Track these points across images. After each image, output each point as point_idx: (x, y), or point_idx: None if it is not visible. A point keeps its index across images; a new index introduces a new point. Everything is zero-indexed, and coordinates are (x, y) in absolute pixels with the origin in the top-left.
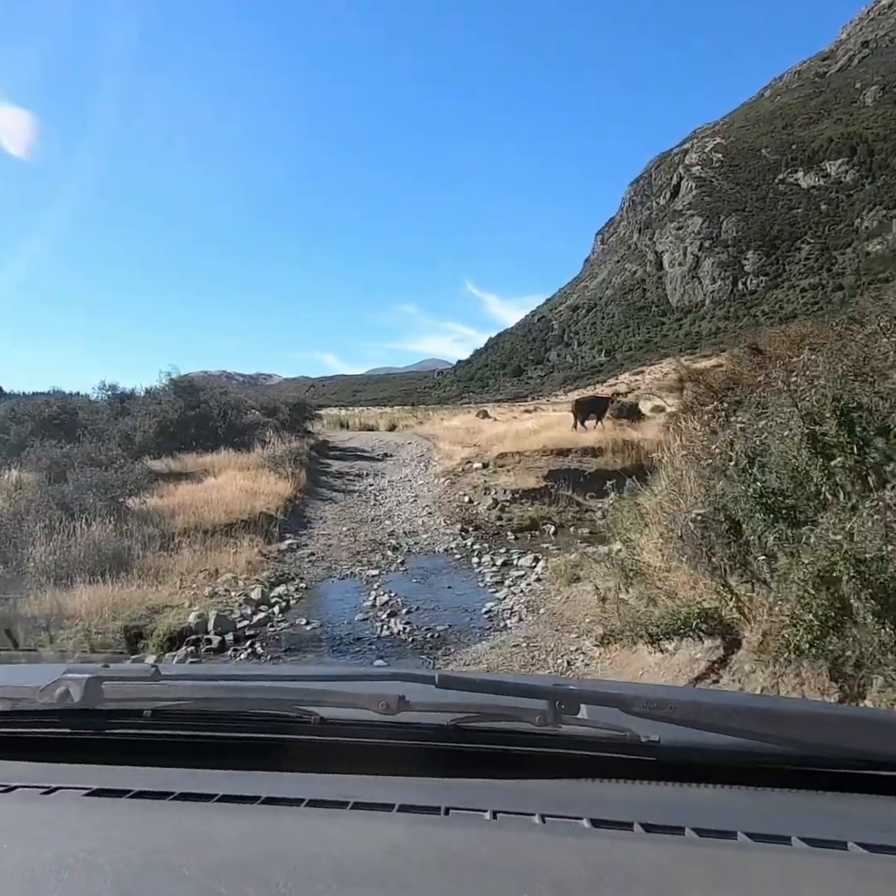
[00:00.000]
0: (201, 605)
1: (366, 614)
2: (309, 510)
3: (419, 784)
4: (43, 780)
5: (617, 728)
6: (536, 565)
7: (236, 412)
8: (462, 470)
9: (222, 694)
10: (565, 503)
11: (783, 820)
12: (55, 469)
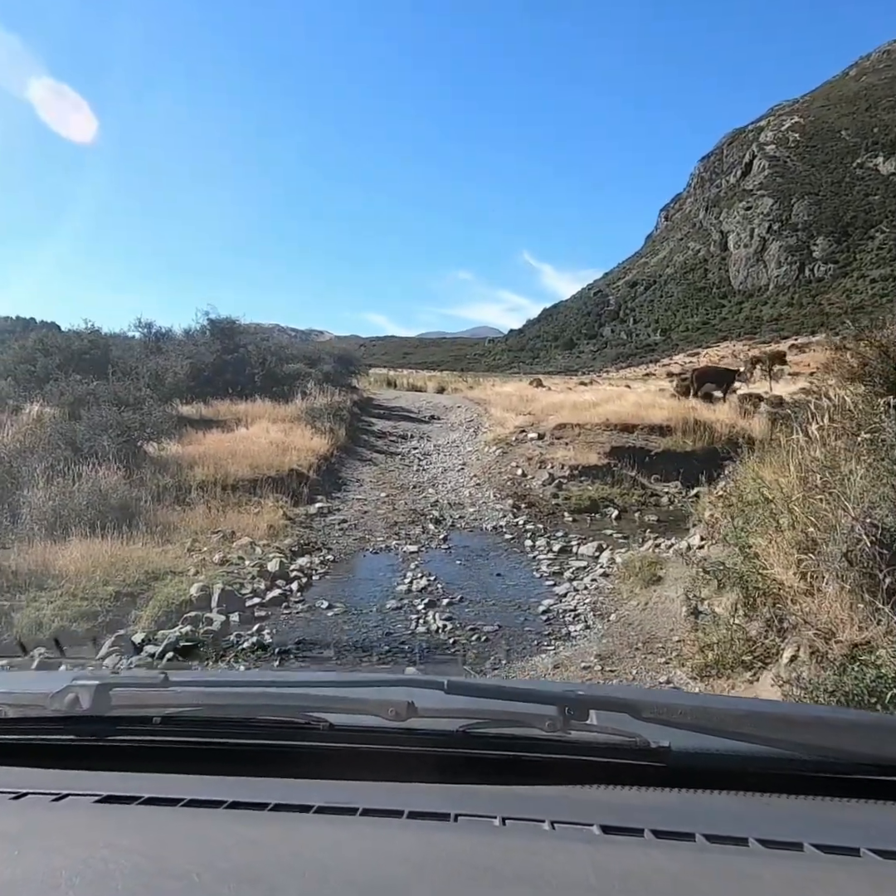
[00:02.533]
0: (208, 574)
1: (399, 601)
2: (345, 471)
3: (428, 790)
4: (53, 786)
5: (627, 734)
6: (601, 556)
7: (276, 360)
8: (515, 439)
9: (231, 700)
10: (629, 484)
11: (795, 826)
12: (78, 406)
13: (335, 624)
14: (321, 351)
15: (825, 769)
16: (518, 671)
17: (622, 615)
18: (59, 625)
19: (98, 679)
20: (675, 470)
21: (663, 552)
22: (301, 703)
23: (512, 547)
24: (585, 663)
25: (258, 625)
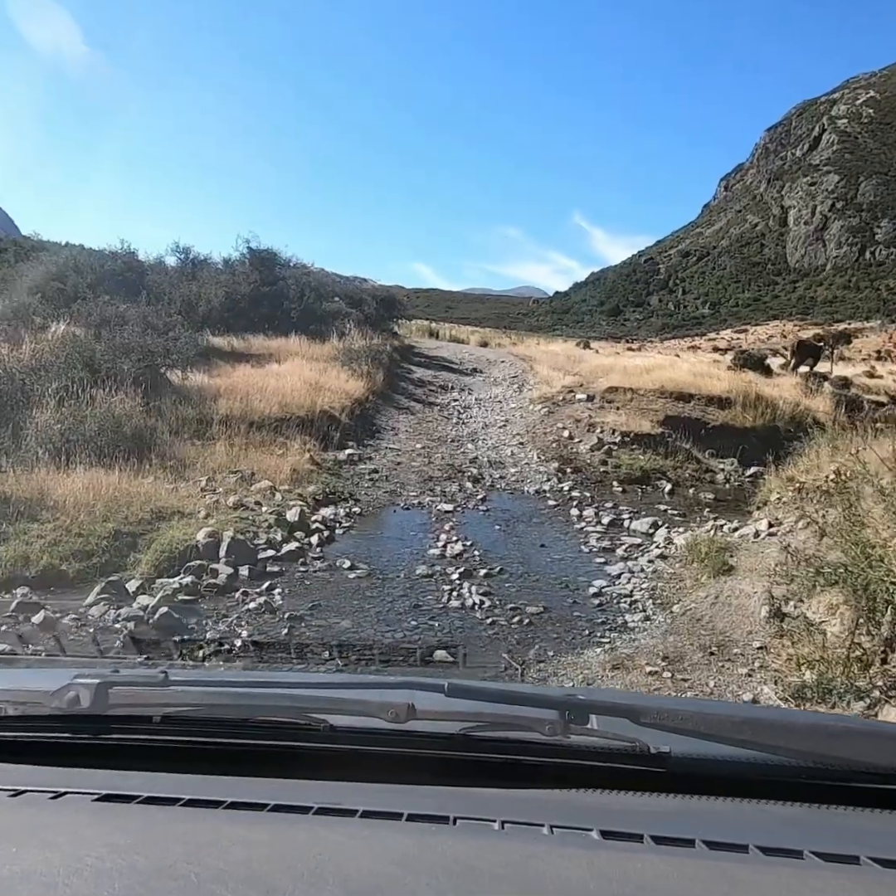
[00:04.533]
0: (220, 518)
1: (431, 568)
2: (380, 417)
3: (428, 793)
4: (51, 784)
5: (627, 739)
6: (656, 534)
7: (316, 296)
8: (563, 399)
9: (231, 700)
10: (682, 457)
11: (795, 834)
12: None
13: (356, 589)
14: (363, 292)
15: (825, 776)
16: (569, 667)
17: (688, 608)
18: (48, 562)
19: (98, 677)
20: (733, 446)
21: (727, 536)
22: (301, 703)
23: (556, 515)
24: (651, 666)
25: (269, 582)
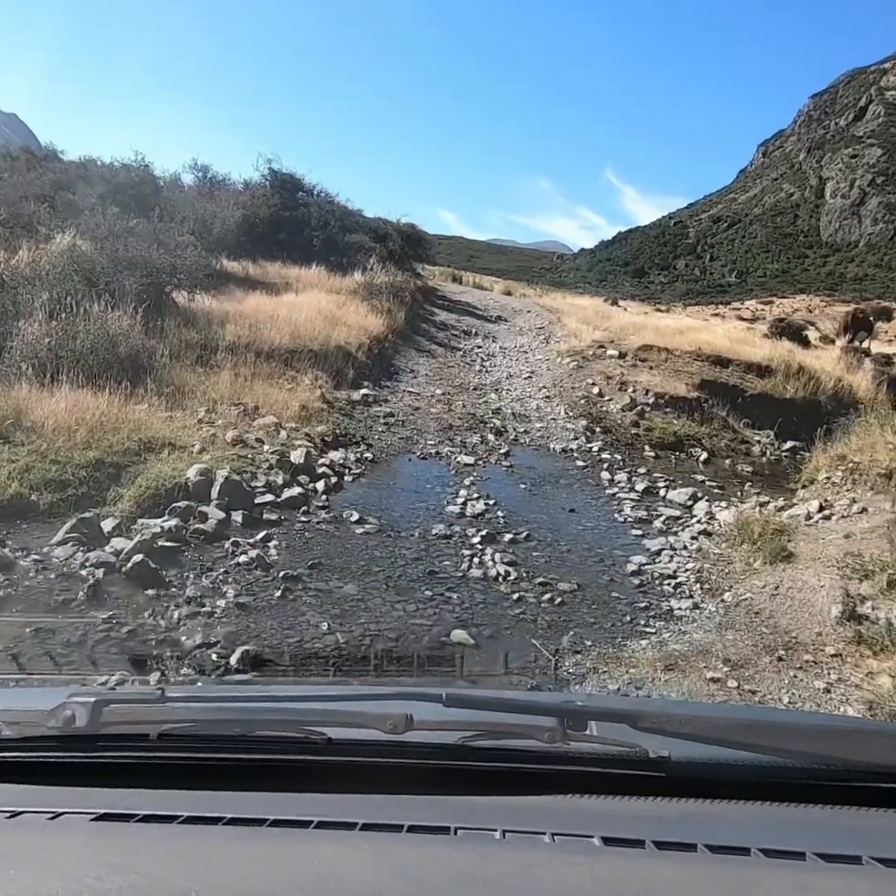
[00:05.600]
0: (216, 454)
1: (449, 528)
2: (399, 358)
3: (428, 804)
4: (49, 805)
5: (626, 744)
6: (695, 506)
7: (339, 226)
8: (592, 354)
9: (228, 716)
10: (718, 425)
11: (796, 835)
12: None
13: (364, 547)
14: (389, 226)
15: (826, 777)
16: (610, 662)
17: (742, 597)
18: (16, 490)
19: (94, 695)
20: (770, 417)
21: (773, 515)
22: (299, 717)
23: (585, 477)
24: (711, 671)
25: (265, 532)
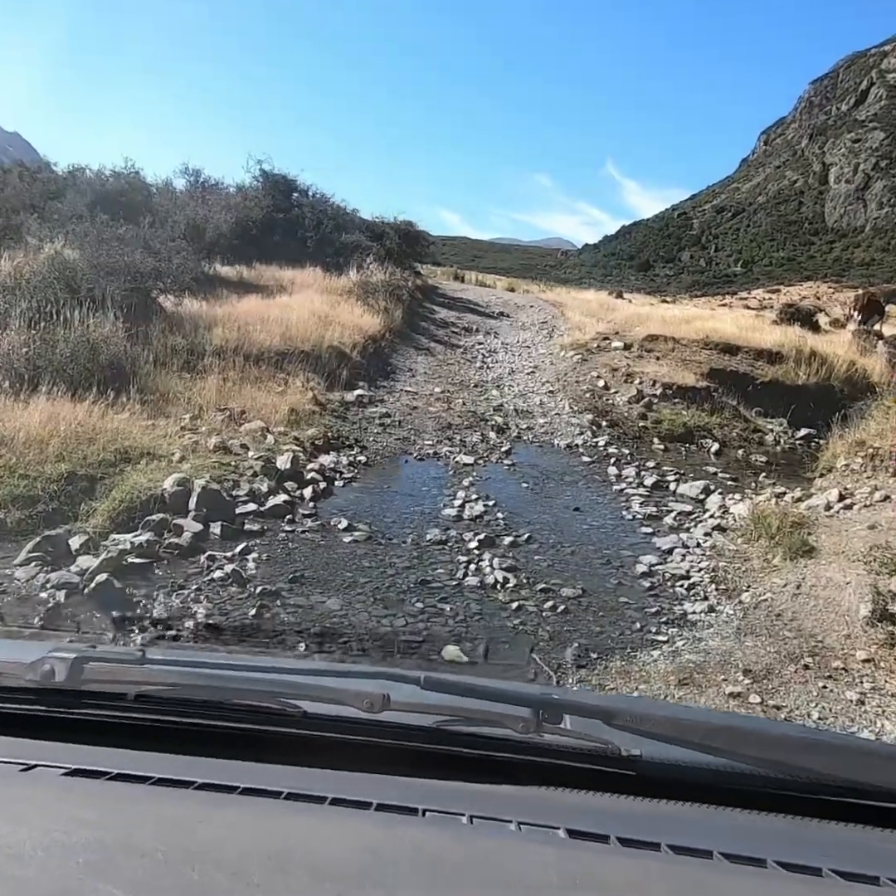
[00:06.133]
0: (196, 462)
1: (445, 532)
2: (396, 357)
3: (398, 784)
4: (22, 756)
5: (598, 740)
6: (708, 500)
7: (334, 226)
8: (597, 346)
9: (207, 682)
10: (729, 415)
11: (760, 842)
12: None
13: (351, 556)
14: (385, 225)
15: (793, 787)
16: (619, 676)
17: (761, 598)
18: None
19: (75, 652)
20: (782, 405)
21: (791, 506)
22: (277, 689)
23: (591, 473)
24: (731, 684)
25: (244, 544)
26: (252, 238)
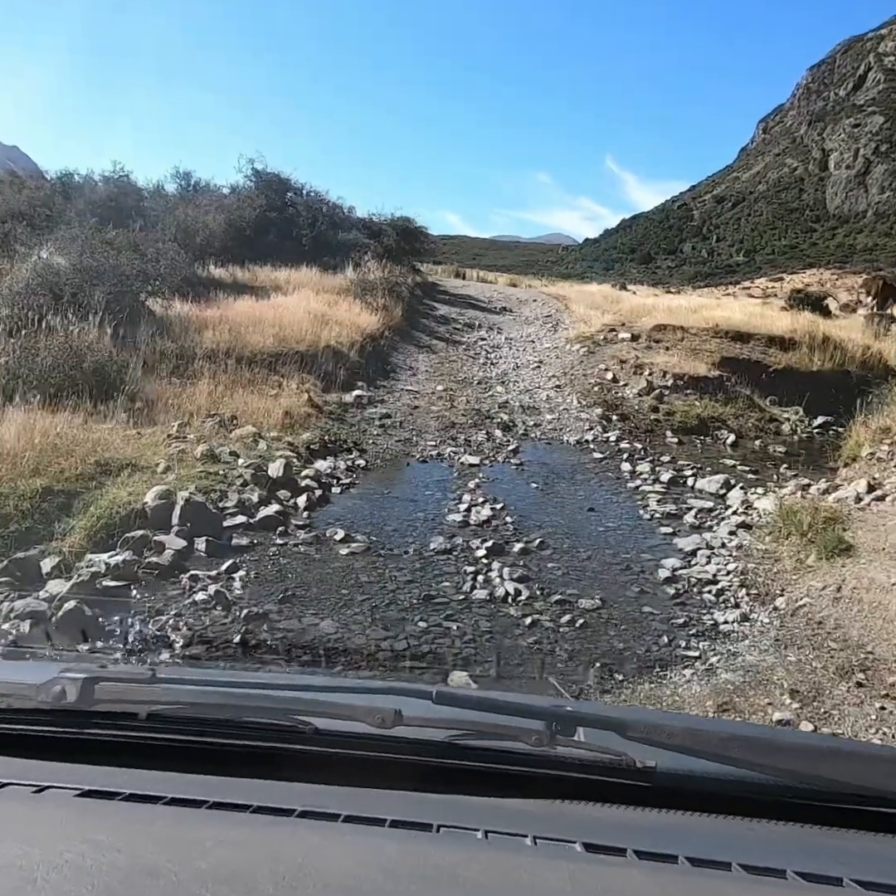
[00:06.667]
0: (182, 472)
1: (450, 541)
2: (396, 356)
3: (411, 800)
4: (35, 778)
5: (613, 752)
6: (728, 495)
7: (330, 224)
8: (604, 338)
9: (218, 700)
10: (743, 404)
11: (778, 853)
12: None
13: (348, 571)
14: (383, 223)
15: (811, 796)
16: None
17: (799, 603)
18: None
19: (85, 672)
20: (797, 392)
21: (818, 499)
22: (288, 706)
23: (604, 470)
24: (777, 708)
25: (231, 561)
26: (246, 239)
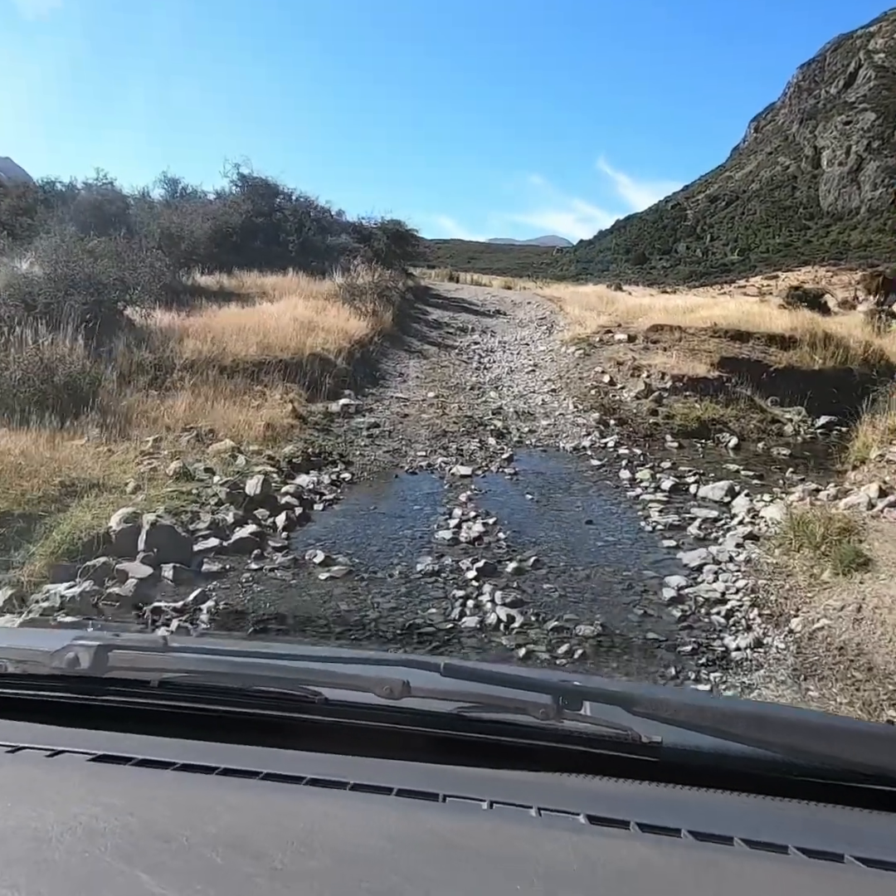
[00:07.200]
0: (152, 492)
1: (438, 561)
2: (386, 362)
3: (418, 770)
4: (49, 742)
5: (619, 726)
6: (734, 503)
7: (317, 228)
8: (600, 340)
9: (229, 669)
10: (744, 405)
11: (781, 828)
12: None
13: (327, 598)
14: (373, 226)
15: (813, 774)
16: None
17: (816, 625)
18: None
19: (99, 640)
20: (798, 392)
21: (827, 505)
22: (297, 675)
23: (602, 478)
24: None
25: (200, 589)
26: (232, 245)
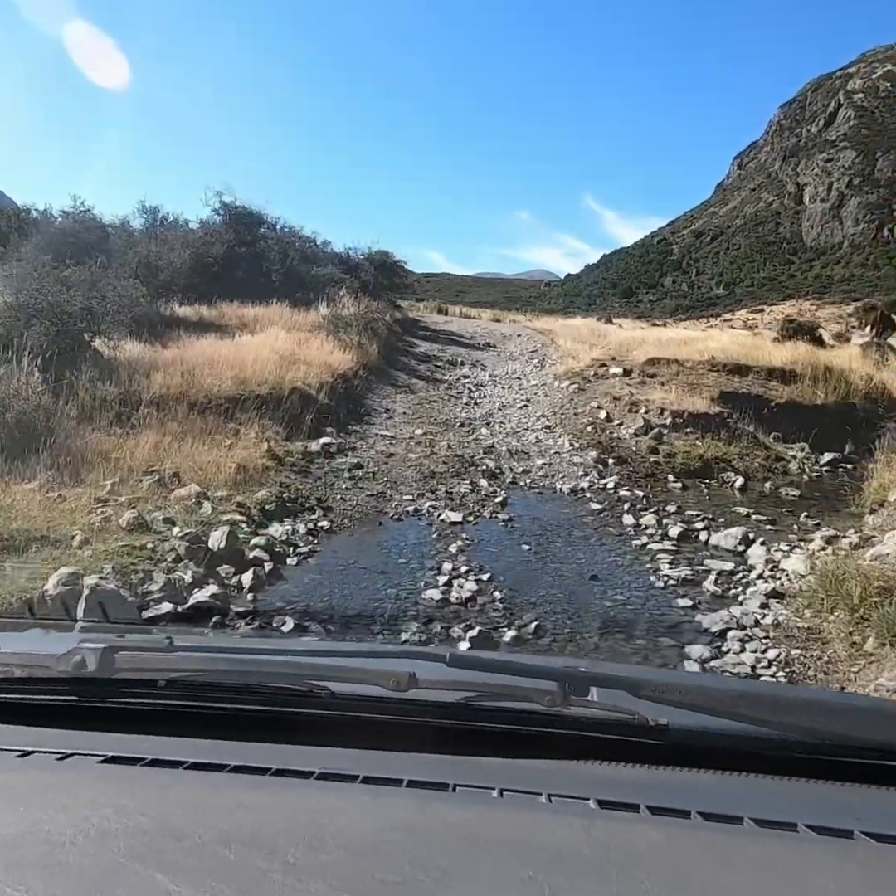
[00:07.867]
0: (101, 547)
1: (426, 627)
2: (372, 397)
3: (428, 760)
4: (58, 746)
5: (626, 711)
6: (749, 552)
7: (302, 259)
8: (594, 374)
9: (235, 666)
10: (747, 442)
11: (789, 807)
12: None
13: None
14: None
15: (821, 751)
16: None
17: None
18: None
19: (104, 642)
20: (801, 428)
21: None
22: (303, 671)
23: (604, 524)
24: None
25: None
26: (214, 275)
